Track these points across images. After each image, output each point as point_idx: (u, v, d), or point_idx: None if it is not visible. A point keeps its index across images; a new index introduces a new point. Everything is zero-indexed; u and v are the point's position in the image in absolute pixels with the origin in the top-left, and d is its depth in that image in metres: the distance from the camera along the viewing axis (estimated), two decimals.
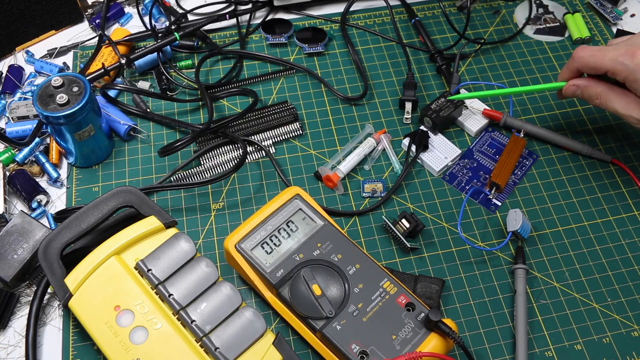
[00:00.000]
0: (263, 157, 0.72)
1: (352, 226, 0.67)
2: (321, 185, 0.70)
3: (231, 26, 0.86)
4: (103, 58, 0.78)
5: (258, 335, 0.54)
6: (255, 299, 0.62)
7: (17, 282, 0.61)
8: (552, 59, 0.83)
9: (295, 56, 0.83)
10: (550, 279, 0.64)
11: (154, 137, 0.74)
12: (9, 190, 0.68)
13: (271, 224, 0.60)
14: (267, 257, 0.59)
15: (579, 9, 0.88)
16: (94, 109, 0.66)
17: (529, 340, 0.60)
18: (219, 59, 0.82)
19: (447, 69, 0.79)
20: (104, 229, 0.62)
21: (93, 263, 0.56)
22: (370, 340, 0.54)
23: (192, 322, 0.54)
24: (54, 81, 0.65)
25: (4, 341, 0.60)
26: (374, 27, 0.86)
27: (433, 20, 0.87)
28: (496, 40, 0.84)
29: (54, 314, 0.62)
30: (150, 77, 0.80)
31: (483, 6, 0.89)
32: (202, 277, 0.56)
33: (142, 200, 0.61)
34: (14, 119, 0.74)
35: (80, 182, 0.70)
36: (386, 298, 0.57)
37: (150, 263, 0.56)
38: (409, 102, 0.75)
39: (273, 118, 0.74)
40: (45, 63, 0.80)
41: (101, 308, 0.54)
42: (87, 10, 0.85)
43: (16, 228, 0.62)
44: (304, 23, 0.86)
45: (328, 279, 0.58)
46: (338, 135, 0.75)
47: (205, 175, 0.71)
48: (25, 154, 0.71)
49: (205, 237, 0.66)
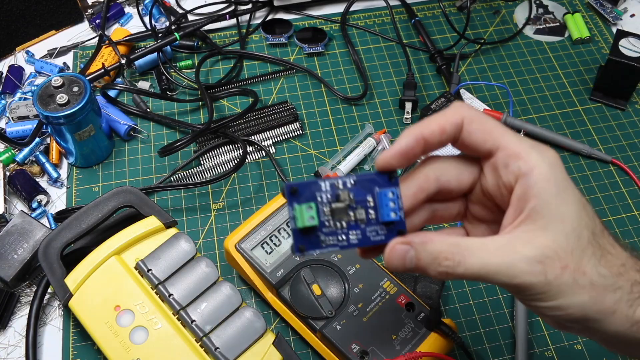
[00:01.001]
0: (263, 157, 0.72)
1: None
2: None
3: (231, 26, 0.86)
4: (103, 58, 0.78)
5: (258, 335, 0.54)
6: (255, 299, 0.62)
7: (17, 282, 0.61)
8: (552, 59, 0.83)
9: (295, 56, 0.83)
10: None
11: (154, 137, 0.74)
12: (9, 190, 0.68)
13: (271, 224, 0.60)
14: (267, 257, 0.59)
15: (578, 9, 0.88)
16: (94, 109, 0.66)
17: (529, 340, 0.60)
18: (219, 59, 0.82)
19: (447, 69, 0.79)
20: (104, 229, 0.62)
21: (93, 263, 0.56)
22: (370, 340, 0.54)
23: (192, 322, 0.54)
24: (54, 81, 0.65)
25: (4, 341, 0.60)
26: (374, 27, 0.86)
27: (433, 20, 0.87)
28: (496, 41, 0.84)
29: (54, 314, 0.62)
30: (150, 77, 0.80)
31: (483, 6, 0.89)
32: (202, 277, 0.56)
33: (142, 200, 0.61)
34: (14, 119, 0.74)
35: (80, 182, 0.70)
36: (386, 298, 0.57)
37: (150, 263, 0.56)
38: (409, 102, 0.75)
39: (273, 118, 0.74)
40: (45, 63, 0.80)
41: (101, 308, 0.54)
42: (87, 10, 0.85)
43: (16, 228, 0.62)
44: (304, 23, 0.86)
45: (328, 279, 0.58)
46: (338, 135, 0.75)
47: (205, 175, 0.71)
48: (25, 154, 0.71)
49: (205, 237, 0.66)
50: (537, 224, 0.35)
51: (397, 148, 0.38)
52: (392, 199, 0.38)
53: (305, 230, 0.37)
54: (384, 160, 0.38)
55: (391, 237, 0.38)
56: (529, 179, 0.36)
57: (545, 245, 0.35)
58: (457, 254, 0.36)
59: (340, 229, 0.38)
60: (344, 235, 0.38)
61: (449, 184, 0.39)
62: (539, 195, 0.35)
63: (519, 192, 0.36)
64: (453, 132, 0.38)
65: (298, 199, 0.37)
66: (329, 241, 0.38)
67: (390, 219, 0.38)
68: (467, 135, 0.38)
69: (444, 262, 0.36)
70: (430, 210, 0.41)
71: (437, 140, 0.38)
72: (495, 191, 0.39)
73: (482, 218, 0.41)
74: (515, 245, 0.35)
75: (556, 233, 0.35)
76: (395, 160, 0.38)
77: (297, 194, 0.37)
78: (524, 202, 0.36)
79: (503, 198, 0.38)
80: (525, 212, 0.36)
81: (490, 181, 0.39)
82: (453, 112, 0.38)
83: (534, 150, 0.36)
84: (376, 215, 0.38)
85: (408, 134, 0.38)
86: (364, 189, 0.38)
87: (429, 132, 0.38)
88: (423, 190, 0.39)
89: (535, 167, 0.36)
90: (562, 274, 0.35)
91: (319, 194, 0.38)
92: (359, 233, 0.38)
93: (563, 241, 0.35)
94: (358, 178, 0.38)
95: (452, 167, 0.40)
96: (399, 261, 0.37)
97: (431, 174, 0.39)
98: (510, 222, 0.37)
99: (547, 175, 0.36)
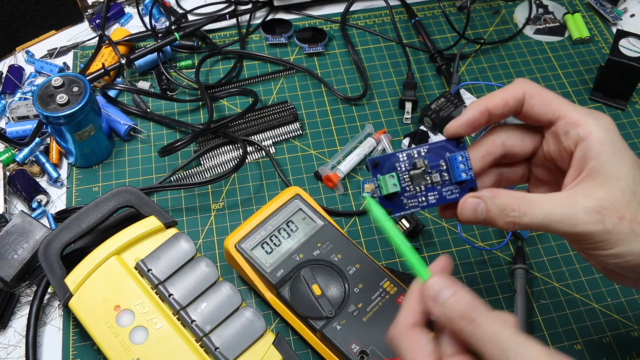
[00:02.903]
0: (263, 157, 0.72)
1: (352, 226, 0.67)
2: (321, 185, 0.70)
3: (231, 26, 0.86)
4: (103, 58, 0.78)
5: (258, 335, 0.54)
6: (255, 299, 0.62)
7: (17, 282, 0.61)
8: (552, 59, 0.83)
9: (295, 56, 0.83)
10: (550, 279, 0.64)
11: (154, 137, 0.74)
12: (9, 190, 0.68)
13: (271, 224, 0.60)
14: (267, 257, 0.59)
15: (578, 9, 0.88)
16: (94, 109, 0.66)
17: None
18: (219, 59, 0.82)
19: (447, 69, 0.79)
20: (104, 229, 0.62)
21: (93, 263, 0.56)
22: (370, 340, 0.54)
23: (192, 322, 0.54)
24: (54, 81, 0.65)
25: (4, 341, 0.60)
26: (374, 27, 0.86)
27: (433, 20, 0.87)
28: (496, 41, 0.84)
29: (54, 314, 0.62)
30: (150, 77, 0.80)
31: (483, 6, 0.89)
32: (202, 277, 0.56)
33: (142, 200, 0.61)
34: (14, 119, 0.74)
35: (80, 182, 0.70)
36: (386, 298, 0.57)
37: (150, 263, 0.56)
38: (409, 102, 0.75)
39: (273, 118, 0.74)
40: (45, 63, 0.80)
41: (101, 308, 0.54)
42: (87, 10, 0.85)
43: (16, 228, 0.62)
44: (304, 23, 0.86)
45: (328, 279, 0.58)
46: (338, 135, 0.75)
47: (205, 175, 0.71)
48: (25, 154, 0.71)
49: (205, 237, 0.66)
50: (596, 181, 0.40)
51: (464, 118, 0.43)
52: (462, 161, 0.43)
53: (389, 196, 0.43)
54: (453, 128, 0.43)
55: (464, 194, 0.43)
56: (587, 142, 0.40)
57: (602, 198, 0.39)
58: (523, 206, 0.40)
59: (419, 192, 0.44)
60: (424, 197, 0.44)
61: (513, 148, 0.44)
62: (597, 156, 0.40)
63: (578, 154, 0.41)
64: (515, 105, 0.43)
65: (381, 170, 0.43)
66: (411, 203, 0.43)
67: (462, 178, 0.43)
68: (529, 107, 0.43)
69: (511, 212, 0.40)
70: (498, 173, 0.46)
71: (500, 113, 0.43)
72: (557, 155, 0.43)
73: (545, 180, 0.46)
74: (575, 198, 0.40)
75: (613, 188, 0.39)
76: (462, 129, 0.43)
77: (379, 166, 0.43)
78: (583, 163, 0.40)
79: (564, 161, 0.43)
80: (584, 172, 0.40)
81: (552, 146, 0.43)
82: (515, 87, 0.43)
83: (591, 118, 0.41)
84: (449, 176, 0.44)
85: (474, 106, 0.43)
86: (437, 155, 0.44)
87: (493, 104, 0.43)
88: (490, 153, 0.44)
89: (592, 132, 0.40)
90: (620, 223, 0.39)
91: (398, 164, 0.43)
92: (436, 194, 0.44)
93: (619, 195, 0.39)
94: (430, 146, 0.43)
95: (516, 134, 0.44)
96: (471, 213, 0.42)
97: (497, 140, 0.44)
98: (571, 181, 0.41)
99: (603, 138, 0.40)
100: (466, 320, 0.36)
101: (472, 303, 0.37)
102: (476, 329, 0.36)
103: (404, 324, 0.39)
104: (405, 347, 0.38)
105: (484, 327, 0.36)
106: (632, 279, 0.43)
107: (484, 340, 0.35)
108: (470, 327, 0.36)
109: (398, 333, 0.39)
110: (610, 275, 0.44)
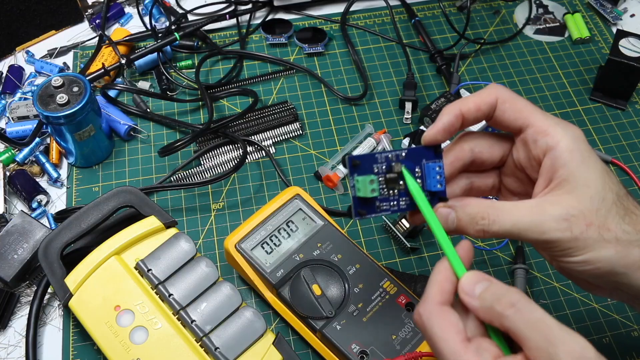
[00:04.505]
0: (263, 157, 0.72)
1: (352, 226, 0.67)
2: (321, 185, 0.70)
3: (231, 26, 0.86)
4: (103, 58, 0.78)
5: (258, 335, 0.54)
6: (255, 299, 0.62)
7: (17, 282, 0.61)
8: (552, 59, 0.83)
9: (295, 56, 0.83)
10: (550, 279, 0.64)
11: (154, 137, 0.74)
12: (9, 190, 0.68)
13: (271, 224, 0.60)
14: (267, 257, 0.59)
15: (578, 9, 0.88)
16: (94, 109, 0.66)
17: None
18: (219, 59, 0.82)
19: (447, 69, 0.79)
20: (104, 229, 0.62)
21: (93, 263, 0.56)
22: (370, 340, 0.54)
23: (192, 322, 0.54)
24: (54, 81, 0.65)
25: (4, 341, 0.60)
26: (374, 27, 0.86)
27: (433, 20, 0.87)
28: (496, 41, 0.84)
29: (54, 314, 0.62)
30: (150, 77, 0.80)
31: (483, 6, 0.89)
32: (202, 277, 0.56)
33: (142, 200, 0.61)
34: (14, 119, 0.74)
35: (80, 182, 0.70)
36: (386, 298, 0.57)
37: (150, 263, 0.56)
38: (409, 102, 0.75)
39: (273, 118, 0.74)
40: (45, 63, 0.80)
41: (101, 308, 0.54)
42: (87, 10, 0.85)
43: (16, 228, 0.62)
44: (304, 23, 0.86)
45: (328, 279, 0.58)
46: (338, 135, 0.75)
47: (205, 175, 0.71)
48: (25, 154, 0.71)
49: (205, 237, 0.66)
50: (564, 189, 0.40)
51: (440, 125, 0.42)
52: (438, 172, 0.43)
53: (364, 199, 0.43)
54: (430, 136, 0.43)
55: (435, 203, 0.43)
56: (556, 151, 0.40)
57: (571, 206, 0.39)
58: (492, 214, 0.40)
59: (392, 196, 0.43)
60: (395, 201, 0.43)
61: (481, 154, 0.44)
62: (565, 165, 0.40)
63: (547, 163, 0.41)
64: (487, 110, 0.43)
65: (358, 170, 0.42)
66: (383, 206, 0.43)
67: (436, 189, 0.43)
68: (500, 113, 0.43)
69: (481, 221, 0.41)
70: (468, 180, 0.46)
71: (473, 117, 0.43)
72: (526, 164, 0.43)
73: (515, 191, 0.46)
74: (544, 206, 0.40)
75: (581, 195, 0.39)
76: (440, 135, 0.43)
77: (358, 166, 0.42)
78: (552, 172, 0.40)
79: (533, 169, 0.42)
80: (554, 180, 0.40)
81: (522, 154, 0.43)
82: (488, 92, 0.43)
83: (559, 127, 0.41)
84: (423, 184, 0.43)
85: (449, 111, 0.43)
86: (413, 161, 0.43)
87: (467, 109, 0.43)
88: (459, 159, 0.44)
89: (560, 140, 0.40)
90: (587, 230, 0.39)
91: (375, 166, 0.43)
92: (407, 200, 0.43)
93: (587, 202, 0.39)
94: (408, 151, 0.43)
95: (484, 141, 0.45)
96: (443, 223, 0.42)
97: (466, 145, 0.44)
98: (541, 190, 0.41)
99: (572, 147, 0.40)
100: (506, 304, 0.36)
101: (511, 289, 0.37)
102: (518, 313, 0.36)
103: (434, 301, 0.39)
104: (435, 324, 0.38)
105: (528, 312, 0.35)
106: (607, 289, 0.43)
107: (528, 324, 0.35)
108: (511, 311, 0.36)
109: (427, 311, 0.38)
110: (585, 286, 0.44)
